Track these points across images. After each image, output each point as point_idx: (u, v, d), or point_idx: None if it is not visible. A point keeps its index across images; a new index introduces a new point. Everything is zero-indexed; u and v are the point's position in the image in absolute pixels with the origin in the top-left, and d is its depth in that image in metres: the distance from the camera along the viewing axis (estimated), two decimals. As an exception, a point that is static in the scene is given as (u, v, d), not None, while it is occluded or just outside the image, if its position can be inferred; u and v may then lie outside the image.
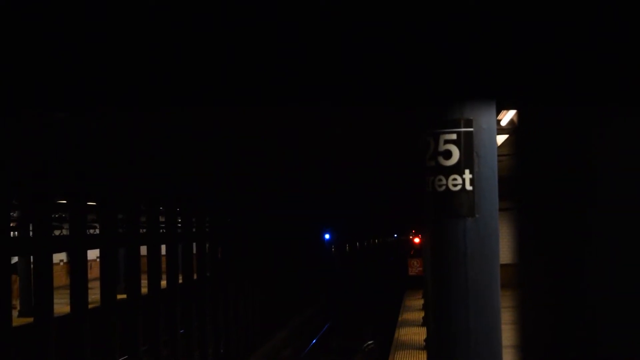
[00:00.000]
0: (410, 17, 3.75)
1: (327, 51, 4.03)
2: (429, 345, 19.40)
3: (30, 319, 24.92)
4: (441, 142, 5.83)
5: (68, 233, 20.93)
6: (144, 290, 24.00)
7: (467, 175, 5.81)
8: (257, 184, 24.32)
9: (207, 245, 31.04)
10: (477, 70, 3.60)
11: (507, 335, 6.25)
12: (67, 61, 4.41)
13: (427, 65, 4.15)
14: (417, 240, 63.15)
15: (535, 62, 2.72)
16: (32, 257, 22.47)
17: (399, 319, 35.34)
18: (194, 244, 29.60)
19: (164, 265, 26.21)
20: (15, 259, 28.64)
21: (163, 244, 25.85)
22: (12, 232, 21.51)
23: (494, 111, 6.14)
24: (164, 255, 26.05)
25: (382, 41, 4.00)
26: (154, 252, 24.68)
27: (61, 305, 23.44)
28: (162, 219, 27.19)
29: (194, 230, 29.31)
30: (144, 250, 24.07)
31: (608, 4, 2.53)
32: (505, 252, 6.16)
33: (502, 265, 6.06)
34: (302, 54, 3.80)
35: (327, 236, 67.88)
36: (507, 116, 12.84)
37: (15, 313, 25.11)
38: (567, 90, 2.57)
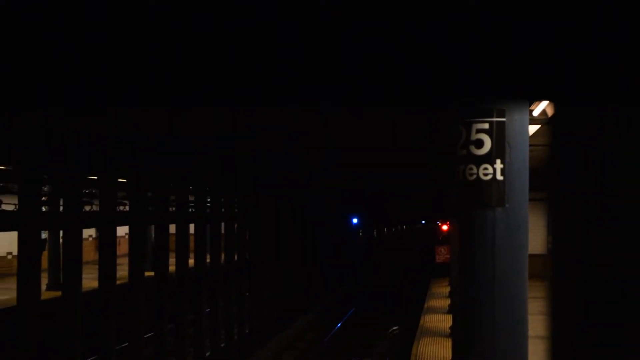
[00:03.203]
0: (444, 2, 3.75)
1: (360, 38, 4.05)
2: (454, 333, 19.42)
3: (58, 293, 25.13)
4: (473, 131, 5.83)
5: (98, 209, 21.04)
6: (172, 268, 24.10)
7: (499, 165, 5.80)
8: (288, 165, 24.34)
9: (235, 225, 31.11)
10: (512, 67, 3.59)
11: (534, 325, 6.25)
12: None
13: (463, 55, 4.14)
14: (444, 227, 63.01)
15: (573, 57, 2.71)
16: (61, 232, 22.64)
17: (425, 305, 35.30)
18: (223, 224, 29.67)
19: (192, 245, 26.31)
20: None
21: (192, 223, 25.93)
22: (42, 207, 21.65)
23: (526, 101, 6.13)
24: (192, 234, 26.12)
25: (416, 25, 4.01)
26: (182, 230, 24.77)
27: (88, 280, 23.61)
28: (191, 198, 27.27)
29: (223, 210, 29.37)
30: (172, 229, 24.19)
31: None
32: (534, 243, 6.16)
33: (531, 256, 6.05)
34: (341, 41, 3.81)
35: (355, 221, 67.83)
36: (540, 107, 12.75)
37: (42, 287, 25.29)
38: (599, 89, 2.56)
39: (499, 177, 5.80)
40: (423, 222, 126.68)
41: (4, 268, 36.41)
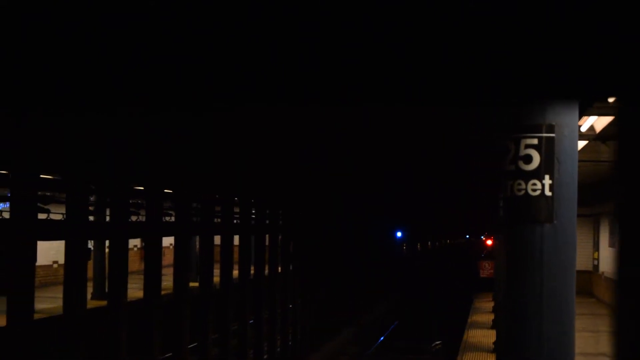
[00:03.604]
0: (494, 16, 3.76)
1: (413, 52, 4.06)
2: (499, 349, 19.30)
3: (102, 302, 25.30)
4: (522, 146, 5.81)
5: (144, 219, 21.18)
6: (216, 279, 24.18)
7: (547, 180, 5.79)
8: (332, 180, 24.37)
9: (279, 237, 31.17)
10: (562, 73, 3.59)
11: (578, 342, 6.22)
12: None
13: (512, 69, 4.15)
14: (489, 242, 62.73)
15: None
16: (108, 241, 22.81)
17: (468, 320, 35.18)
18: (267, 235, 29.74)
19: (236, 256, 26.37)
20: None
21: (236, 234, 26.00)
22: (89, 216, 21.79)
23: (576, 117, 6.10)
24: (236, 246, 26.18)
25: (467, 42, 4.02)
26: (227, 242, 24.85)
27: (133, 290, 23.74)
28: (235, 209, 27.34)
29: (267, 222, 29.44)
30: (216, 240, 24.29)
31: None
32: (578, 259, 6.14)
33: (577, 272, 6.03)
34: (392, 54, 3.84)
35: (399, 234, 67.71)
36: (587, 123, 12.69)
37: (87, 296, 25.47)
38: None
39: (548, 192, 5.78)
40: (467, 236, 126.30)
41: (50, 277, 36.71)
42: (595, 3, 3.43)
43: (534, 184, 5.79)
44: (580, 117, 11.37)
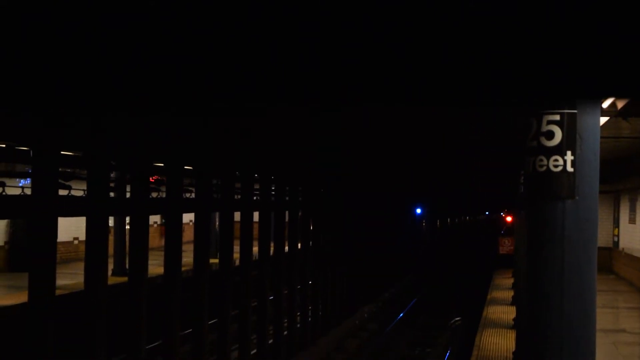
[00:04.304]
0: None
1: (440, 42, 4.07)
2: (519, 325, 19.32)
3: (123, 279, 25.43)
4: (544, 122, 5.80)
5: (164, 196, 21.21)
6: (236, 255, 24.24)
7: (569, 156, 5.78)
8: (351, 156, 24.35)
9: (299, 214, 31.21)
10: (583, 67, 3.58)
11: (598, 318, 6.23)
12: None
13: (534, 49, 4.14)
14: (509, 219, 62.68)
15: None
16: (128, 218, 22.90)
17: (488, 297, 35.21)
18: (287, 212, 29.77)
19: (256, 232, 26.44)
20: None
21: (256, 211, 26.03)
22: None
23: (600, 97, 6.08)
24: (256, 222, 26.23)
25: (493, 19, 4.02)
26: (247, 218, 24.90)
27: (152, 266, 23.87)
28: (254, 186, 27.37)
29: (287, 199, 29.46)
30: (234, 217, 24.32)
31: None
32: (600, 235, 6.14)
33: (597, 249, 6.03)
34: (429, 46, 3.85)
35: (418, 211, 67.67)
36: (609, 99, 12.65)
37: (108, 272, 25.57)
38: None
39: (569, 168, 5.78)
40: (487, 213, 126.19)
41: (71, 253, 36.98)
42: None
43: (556, 160, 5.78)
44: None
